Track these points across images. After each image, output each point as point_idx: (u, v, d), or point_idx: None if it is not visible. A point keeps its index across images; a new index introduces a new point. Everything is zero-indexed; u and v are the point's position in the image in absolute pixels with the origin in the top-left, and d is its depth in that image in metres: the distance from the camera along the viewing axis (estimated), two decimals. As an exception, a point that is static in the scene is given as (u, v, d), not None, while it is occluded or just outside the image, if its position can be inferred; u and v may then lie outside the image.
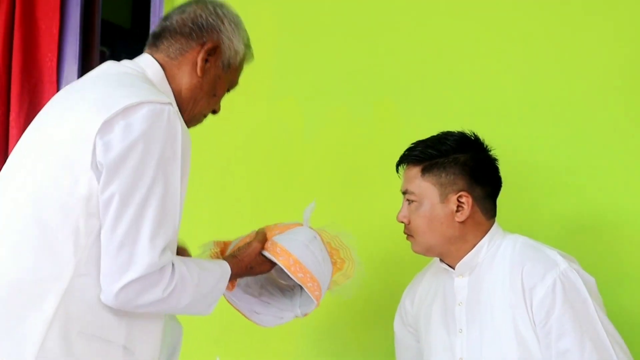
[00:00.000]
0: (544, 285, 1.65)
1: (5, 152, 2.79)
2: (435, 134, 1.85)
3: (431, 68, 2.30)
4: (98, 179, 1.38)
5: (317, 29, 2.48)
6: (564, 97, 2.14)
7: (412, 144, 1.85)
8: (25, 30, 2.82)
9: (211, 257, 1.74)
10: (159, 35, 1.60)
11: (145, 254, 1.36)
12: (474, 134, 1.82)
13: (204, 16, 1.58)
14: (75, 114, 1.44)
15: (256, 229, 1.74)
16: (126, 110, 1.38)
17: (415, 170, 1.80)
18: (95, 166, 1.38)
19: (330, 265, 1.70)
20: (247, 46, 1.65)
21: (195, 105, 1.60)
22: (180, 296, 1.43)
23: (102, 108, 1.40)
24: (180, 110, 1.53)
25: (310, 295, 1.66)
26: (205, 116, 1.66)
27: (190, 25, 1.57)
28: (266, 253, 1.66)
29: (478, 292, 1.77)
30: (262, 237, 1.69)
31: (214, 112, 1.67)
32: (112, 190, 1.37)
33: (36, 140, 1.52)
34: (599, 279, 1.73)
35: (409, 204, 1.80)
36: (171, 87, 1.56)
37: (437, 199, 1.77)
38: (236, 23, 1.61)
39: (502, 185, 1.85)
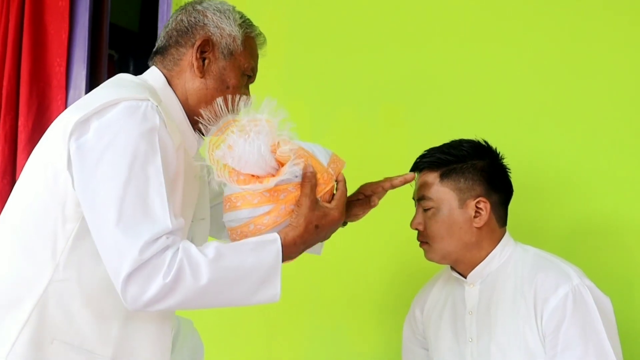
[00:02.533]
0: (556, 297, 1.66)
1: (14, 156, 2.78)
2: (444, 139, 1.85)
3: (440, 73, 2.30)
4: (73, 182, 1.37)
5: (325, 34, 2.49)
6: (570, 102, 2.13)
7: (426, 150, 1.84)
8: (34, 34, 2.83)
9: None
10: (154, 55, 1.60)
11: (129, 249, 1.30)
12: (485, 141, 1.82)
13: (185, 19, 1.56)
14: (61, 116, 1.45)
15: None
16: (101, 110, 1.36)
17: (433, 176, 1.79)
18: (70, 168, 1.36)
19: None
20: (246, 26, 1.59)
21: (210, 106, 1.56)
22: (193, 277, 1.31)
23: (79, 109, 1.39)
24: (196, 117, 1.52)
25: None
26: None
27: (175, 33, 1.56)
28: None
29: (488, 301, 1.76)
30: (311, 185, 1.47)
31: None
32: (90, 193, 1.34)
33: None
34: (609, 286, 1.73)
35: (424, 210, 1.79)
36: (177, 97, 1.54)
37: (456, 204, 1.76)
38: (221, 10, 1.57)
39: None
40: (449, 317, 1.85)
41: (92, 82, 2.86)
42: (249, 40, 1.59)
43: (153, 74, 1.56)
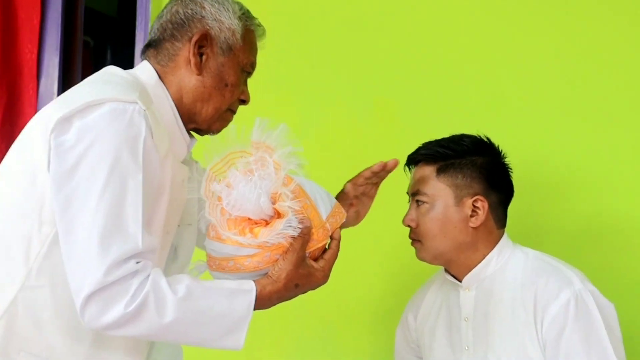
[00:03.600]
0: (557, 303, 1.63)
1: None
2: (440, 132, 1.82)
3: (438, 64, 2.28)
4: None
5: (313, 21, 2.46)
6: (577, 98, 2.12)
7: (425, 143, 1.80)
8: (3, 19, 2.74)
9: None
10: (147, 48, 1.55)
11: (95, 267, 1.26)
12: (487, 137, 1.80)
13: (180, 11, 1.50)
14: (42, 112, 1.41)
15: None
16: (85, 109, 1.32)
17: (430, 170, 1.76)
18: (49, 168, 1.32)
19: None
20: (246, 18, 1.54)
21: (207, 105, 1.51)
22: (157, 313, 1.28)
23: (63, 104, 1.35)
24: (191, 117, 1.50)
25: None
26: (233, 112, 1.56)
27: (171, 26, 1.50)
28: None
29: (485, 307, 1.74)
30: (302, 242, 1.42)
31: (243, 102, 1.57)
32: (63, 197, 1.30)
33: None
34: (613, 291, 1.72)
35: (418, 206, 1.76)
36: (170, 95, 1.49)
37: (452, 201, 1.73)
38: (220, 1, 1.52)
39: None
40: (444, 324, 1.82)
41: (66, 71, 2.79)
42: (249, 34, 1.55)
43: (145, 70, 1.50)
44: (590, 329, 1.61)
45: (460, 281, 1.77)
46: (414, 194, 1.77)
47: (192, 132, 1.55)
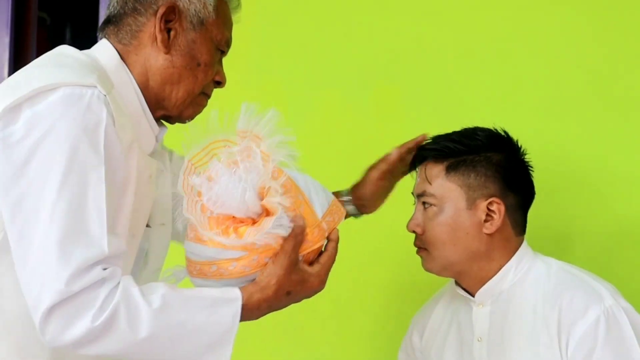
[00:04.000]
0: (585, 322, 1.55)
1: None
2: (449, 125, 1.75)
3: (443, 46, 2.18)
4: None
5: (305, 3, 2.38)
6: (603, 83, 2.03)
7: (432, 137, 1.73)
8: None
9: None
10: (105, 25, 1.48)
11: (55, 275, 1.19)
12: (504, 131, 1.72)
13: None
14: None
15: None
16: (35, 96, 1.25)
17: (438, 169, 1.68)
18: None
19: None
20: None
21: (177, 88, 1.45)
22: (129, 327, 1.21)
23: (7, 92, 1.27)
24: (159, 102, 1.45)
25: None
26: (207, 95, 1.50)
27: None
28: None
29: (502, 326, 1.66)
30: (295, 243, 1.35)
31: (218, 84, 1.51)
32: (14, 198, 1.24)
33: None
34: None
35: (425, 209, 1.69)
36: (134, 78, 1.43)
37: (463, 204, 1.65)
38: None
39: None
40: (454, 345, 1.75)
41: (18, 52, 2.74)
42: (222, 6, 1.49)
43: (104, 49, 1.43)
44: (623, 351, 1.54)
45: (473, 296, 1.70)
46: (420, 195, 1.70)
47: (161, 121, 1.49)
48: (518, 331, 1.62)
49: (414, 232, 1.69)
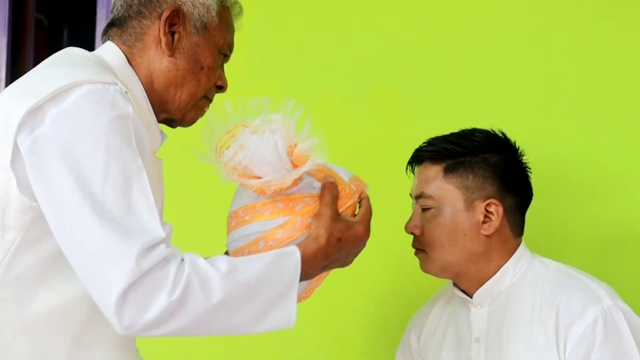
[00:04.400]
0: (583, 323, 1.56)
1: None
2: (447, 126, 1.75)
3: (441, 47, 2.17)
4: (20, 183, 1.24)
5: (303, 4, 2.36)
6: (600, 85, 2.03)
7: (430, 138, 1.73)
8: None
9: None
10: (109, 28, 1.48)
11: (123, 257, 1.18)
12: (502, 132, 1.73)
13: None
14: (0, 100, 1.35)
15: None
16: (57, 96, 1.23)
17: (436, 170, 1.68)
18: (16, 166, 1.23)
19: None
20: None
21: (181, 91, 1.45)
22: (203, 294, 1.21)
23: (25, 94, 1.26)
24: (163, 104, 1.45)
25: None
26: (209, 99, 1.51)
27: (137, 1, 1.45)
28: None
29: (499, 327, 1.66)
30: (332, 197, 1.40)
31: (220, 88, 1.52)
32: (56, 197, 1.22)
33: None
34: None
35: (423, 211, 1.69)
36: (140, 80, 1.43)
37: (462, 205, 1.66)
38: None
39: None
40: (452, 346, 1.75)
41: (16, 54, 2.72)
42: (225, 11, 1.50)
43: (110, 50, 1.43)
44: (621, 352, 1.55)
45: (471, 297, 1.70)
46: (418, 196, 1.69)
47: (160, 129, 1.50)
48: (516, 332, 1.63)
49: (412, 233, 1.69)
